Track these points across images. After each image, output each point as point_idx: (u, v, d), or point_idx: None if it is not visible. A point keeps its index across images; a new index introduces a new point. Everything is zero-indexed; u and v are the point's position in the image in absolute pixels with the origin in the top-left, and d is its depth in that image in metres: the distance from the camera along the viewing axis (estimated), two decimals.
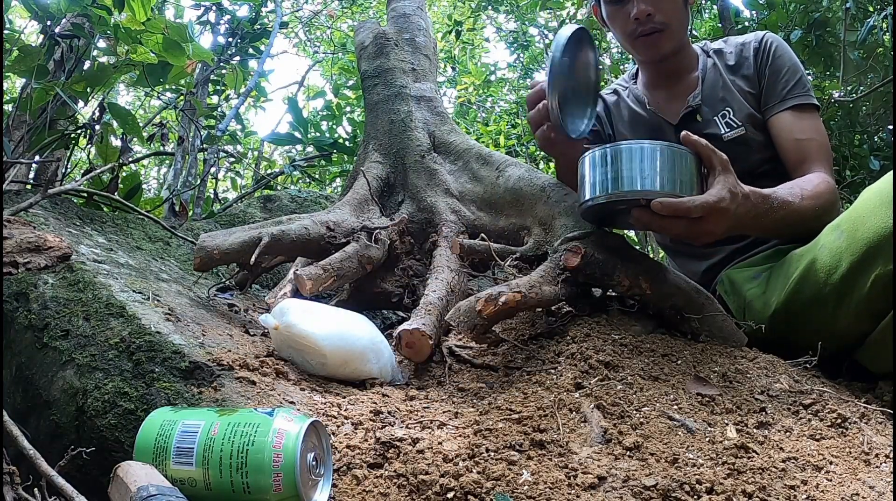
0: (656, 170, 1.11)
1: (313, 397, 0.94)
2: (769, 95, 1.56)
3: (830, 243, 1.17)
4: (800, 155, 1.49)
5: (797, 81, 1.54)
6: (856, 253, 1.11)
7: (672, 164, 1.12)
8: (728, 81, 1.60)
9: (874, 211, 1.10)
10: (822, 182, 1.39)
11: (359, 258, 1.34)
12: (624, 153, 1.13)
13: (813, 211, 1.30)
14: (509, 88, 6.84)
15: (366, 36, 1.89)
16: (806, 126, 1.51)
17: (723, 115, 1.58)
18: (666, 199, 1.07)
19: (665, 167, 1.11)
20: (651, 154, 1.12)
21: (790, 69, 1.56)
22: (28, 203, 1.39)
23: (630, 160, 1.12)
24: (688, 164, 1.12)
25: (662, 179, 1.11)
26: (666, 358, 1.05)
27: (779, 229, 1.31)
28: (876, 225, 1.08)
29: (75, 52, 2.06)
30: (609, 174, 1.13)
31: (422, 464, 0.76)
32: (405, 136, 1.65)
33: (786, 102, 1.53)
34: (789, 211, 1.25)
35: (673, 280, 1.18)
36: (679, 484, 0.74)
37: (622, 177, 1.12)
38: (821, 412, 0.94)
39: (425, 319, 1.14)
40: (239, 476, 0.68)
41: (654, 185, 1.10)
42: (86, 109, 2.36)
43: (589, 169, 1.17)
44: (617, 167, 1.13)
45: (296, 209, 2.09)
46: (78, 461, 0.77)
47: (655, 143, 1.14)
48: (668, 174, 1.11)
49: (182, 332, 1.00)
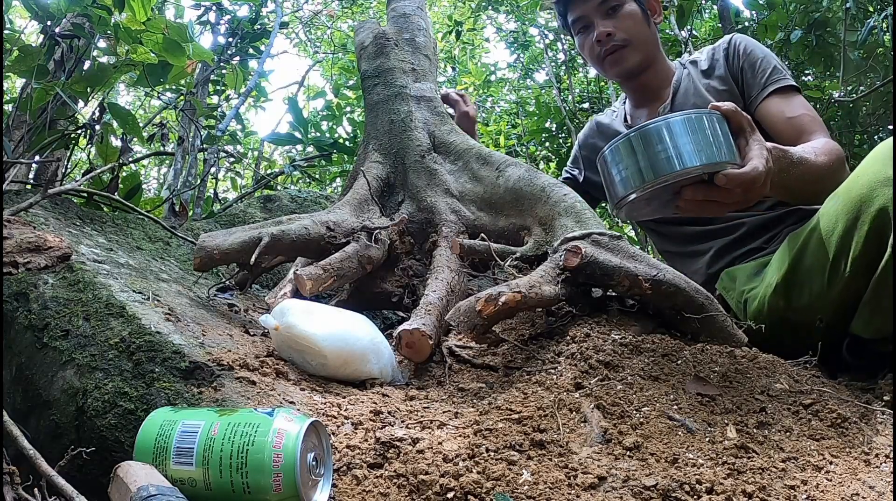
0: (701, 141, 1.05)
1: (313, 397, 0.94)
2: (751, 88, 1.59)
3: (828, 210, 1.19)
4: (796, 130, 1.49)
5: (773, 68, 1.57)
6: (851, 209, 1.13)
7: (708, 131, 1.06)
8: (701, 86, 1.64)
9: (866, 168, 1.12)
10: (829, 142, 1.41)
11: (359, 258, 1.34)
12: (654, 133, 1.05)
13: (828, 167, 1.31)
14: (509, 88, 6.84)
15: (366, 36, 1.89)
16: (794, 105, 1.54)
17: None
18: (731, 171, 1.04)
19: (705, 137, 1.06)
20: (686, 126, 1.06)
21: (764, 59, 1.59)
22: (28, 203, 1.39)
23: (669, 138, 1.05)
24: (722, 127, 1.08)
25: (713, 149, 1.05)
26: (666, 358, 1.05)
27: (799, 186, 1.29)
28: (868, 178, 1.10)
29: (75, 52, 2.06)
30: (646, 160, 1.06)
31: (422, 464, 0.76)
32: (405, 136, 1.65)
33: (768, 88, 1.56)
34: (807, 167, 1.25)
35: (673, 280, 1.18)
36: (679, 484, 0.74)
37: (665, 157, 1.05)
38: (821, 412, 0.94)
39: (425, 319, 1.14)
40: (239, 476, 0.68)
41: (706, 158, 1.04)
42: (86, 109, 2.36)
43: (618, 162, 1.10)
44: (655, 149, 1.05)
45: (296, 209, 2.09)
46: (78, 461, 0.77)
47: (681, 114, 1.08)
48: (712, 142, 1.06)
49: (182, 332, 1.00)
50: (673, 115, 1.09)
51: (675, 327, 1.19)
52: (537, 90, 5.39)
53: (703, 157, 1.05)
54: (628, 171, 1.09)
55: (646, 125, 1.07)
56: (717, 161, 1.05)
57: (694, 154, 1.05)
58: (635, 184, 1.08)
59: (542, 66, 5.87)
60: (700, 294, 1.19)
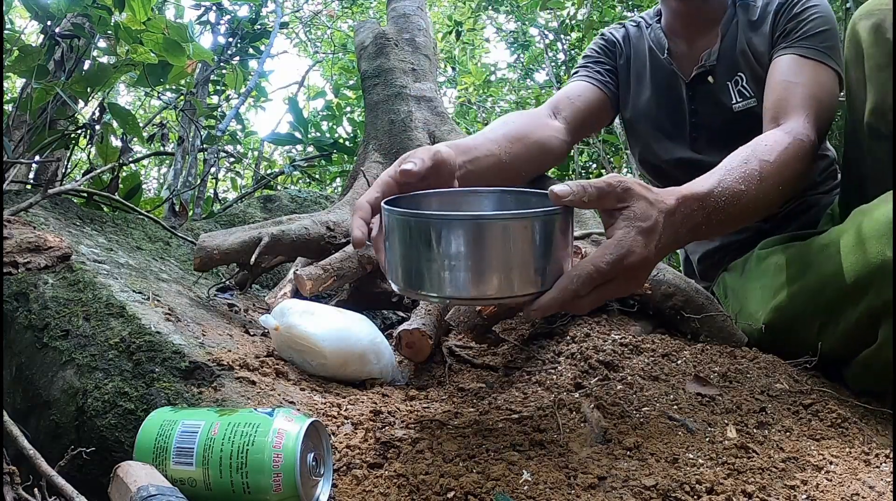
0: (502, 260, 0.73)
1: (313, 397, 0.94)
2: (782, 39, 1.30)
3: (819, 266, 1.09)
4: (781, 98, 1.20)
5: (822, 35, 1.25)
6: (843, 282, 1.02)
7: (520, 245, 0.73)
8: (745, 42, 1.38)
9: (866, 242, 0.99)
10: (786, 142, 1.09)
11: (359, 258, 1.34)
12: (448, 232, 0.73)
13: (776, 190, 1.04)
14: (509, 89, 6.84)
15: (366, 36, 1.89)
16: (805, 74, 1.22)
17: (735, 81, 1.39)
18: (543, 303, 0.76)
19: (514, 254, 0.74)
20: (494, 235, 0.73)
21: (818, 20, 1.27)
22: (28, 203, 1.39)
23: (461, 244, 0.72)
24: (549, 235, 0.75)
25: (512, 276, 0.74)
26: (666, 358, 1.05)
27: (732, 226, 1.04)
28: (868, 257, 0.99)
29: (75, 52, 2.06)
30: (426, 264, 0.75)
31: (422, 464, 0.76)
32: (405, 136, 1.65)
33: (794, 48, 1.26)
34: (742, 204, 0.96)
35: (673, 280, 1.18)
36: (679, 484, 0.74)
37: (442, 272, 0.74)
38: (821, 412, 0.94)
39: (425, 319, 1.14)
40: (239, 476, 0.68)
41: (498, 290, 0.74)
42: (86, 109, 2.36)
43: (398, 244, 0.77)
44: (438, 254, 0.73)
45: (296, 209, 2.09)
46: (78, 461, 0.77)
47: (497, 216, 0.76)
48: (518, 265, 0.74)
49: (182, 332, 1.00)
50: (484, 215, 0.81)
51: (675, 327, 1.19)
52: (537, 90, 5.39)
53: (494, 286, 0.74)
54: (409, 263, 0.77)
55: (446, 219, 0.75)
56: (511, 295, 0.76)
57: (484, 280, 0.74)
58: (409, 285, 0.79)
59: (542, 66, 5.87)
60: (700, 294, 1.19)
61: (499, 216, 0.77)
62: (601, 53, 1.56)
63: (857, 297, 1.01)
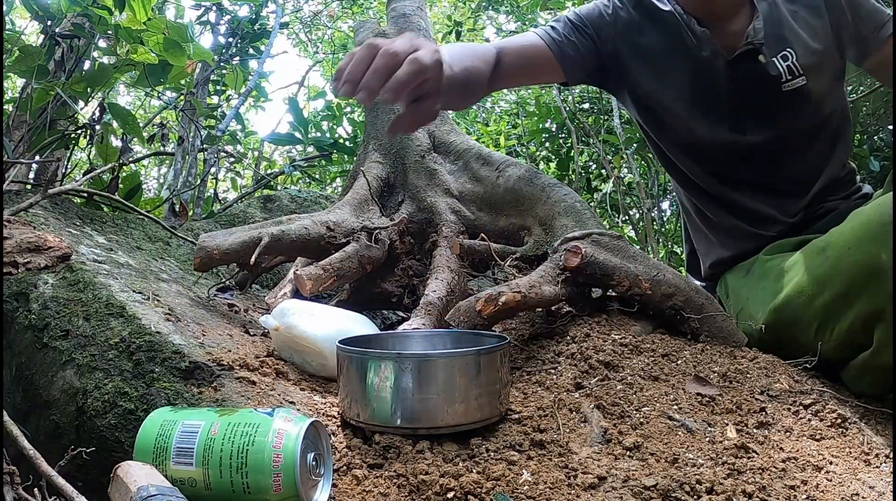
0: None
1: (313, 397, 0.94)
2: (864, 37, 1.30)
3: (815, 269, 1.10)
4: None
5: (876, 8, 1.28)
6: (837, 285, 1.04)
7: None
8: (788, 14, 1.30)
9: (860, 244, 1.01)
10: None
11: (359, 258, 1.34)
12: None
13: None
14: None
15: (366, 36, 1.89)
16: None
17: (784, 57, 1.31)
18: None
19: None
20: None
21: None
22: (28, 203, 1.39)
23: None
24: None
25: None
26: (666, 358, 1.05)
27: None
28: (861, 259, 1.00)
29: (75, 52, 2.06)
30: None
31: (422, 464, 0.76)
32: (405, 136, 1.65)
33: (885, 31, 1.28)
34: None
35: (673, 280, 1.18)
36: (679, 484, 0.74)
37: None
38: (821, 412, 0.94)
39: (425, 319, 1.14)
40: (239, 476, 0.68)
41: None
42: (86, 109, 2.36)
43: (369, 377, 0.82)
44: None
45: (296, 209, 2.09)
46: (78, 461, 0.77)
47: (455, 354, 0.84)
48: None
49: (182, 332, 1.00)
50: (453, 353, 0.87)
51: (675, 327, 1.19)
52: (537, 90, 5.38)
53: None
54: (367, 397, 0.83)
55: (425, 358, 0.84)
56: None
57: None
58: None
59: None
60: (700, 294, 1.19)
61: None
62: (583, 25, 1.41)
63: (850, 300, 1.02)
